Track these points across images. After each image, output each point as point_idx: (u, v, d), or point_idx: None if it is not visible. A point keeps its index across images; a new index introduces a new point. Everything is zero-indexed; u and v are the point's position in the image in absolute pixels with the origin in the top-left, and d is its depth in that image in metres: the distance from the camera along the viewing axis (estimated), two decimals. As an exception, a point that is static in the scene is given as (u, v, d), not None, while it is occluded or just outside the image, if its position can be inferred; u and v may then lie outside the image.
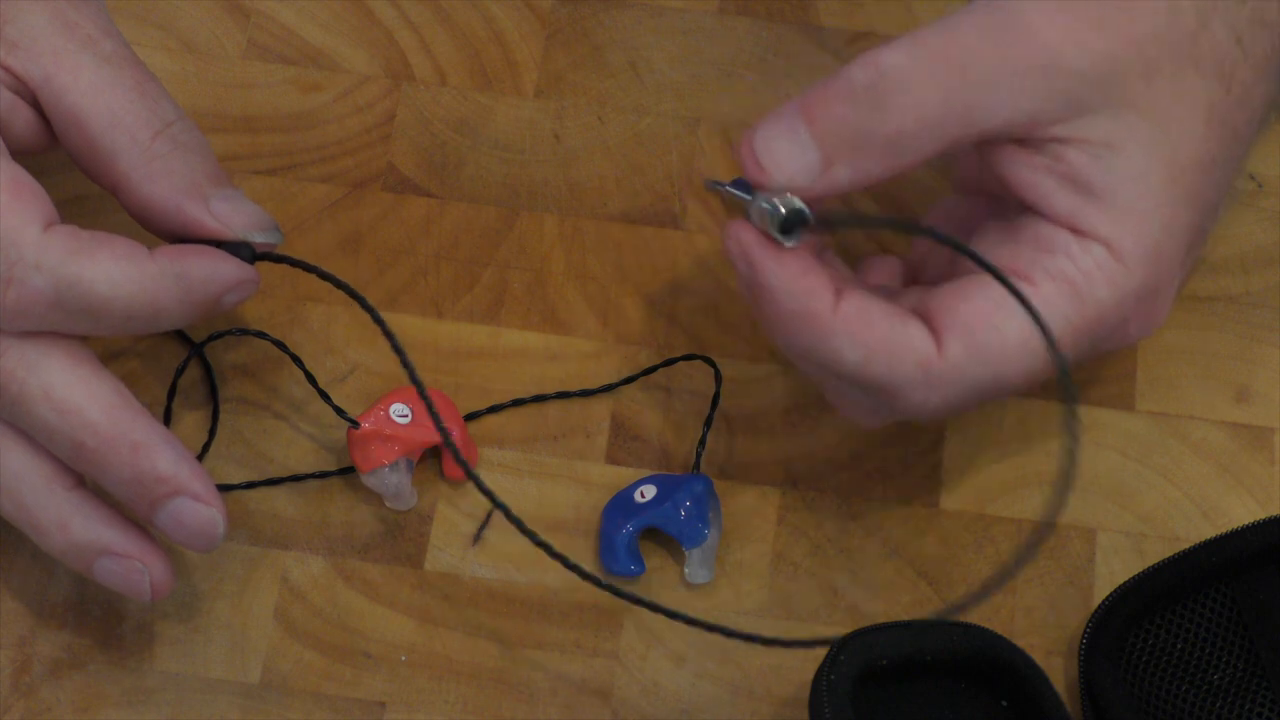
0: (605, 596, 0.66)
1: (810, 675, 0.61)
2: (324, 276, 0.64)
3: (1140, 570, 0.65)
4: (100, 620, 0.65)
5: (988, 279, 0.59)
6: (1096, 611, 0.65)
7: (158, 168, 0.61)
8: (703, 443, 0.68)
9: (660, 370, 0.69)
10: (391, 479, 0.66)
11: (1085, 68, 0.57)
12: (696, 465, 0.68)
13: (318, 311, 0.70)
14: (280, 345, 0.67)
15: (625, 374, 0.69)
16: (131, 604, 0.66)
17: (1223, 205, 0.63)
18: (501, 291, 0.71)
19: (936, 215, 0.66)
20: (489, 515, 0.67)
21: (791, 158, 0.58)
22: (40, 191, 0.59)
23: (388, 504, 0.67)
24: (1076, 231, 0.59)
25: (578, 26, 0.75)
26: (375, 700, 0.65)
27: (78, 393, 0.59)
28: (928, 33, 0.58)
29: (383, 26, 0.75)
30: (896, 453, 0.69)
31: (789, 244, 0.59)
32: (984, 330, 0.59)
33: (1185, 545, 0.65)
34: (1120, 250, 0.59)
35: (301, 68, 0.74)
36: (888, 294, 0.62)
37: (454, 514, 0.67)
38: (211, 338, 0.67)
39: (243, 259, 0.61)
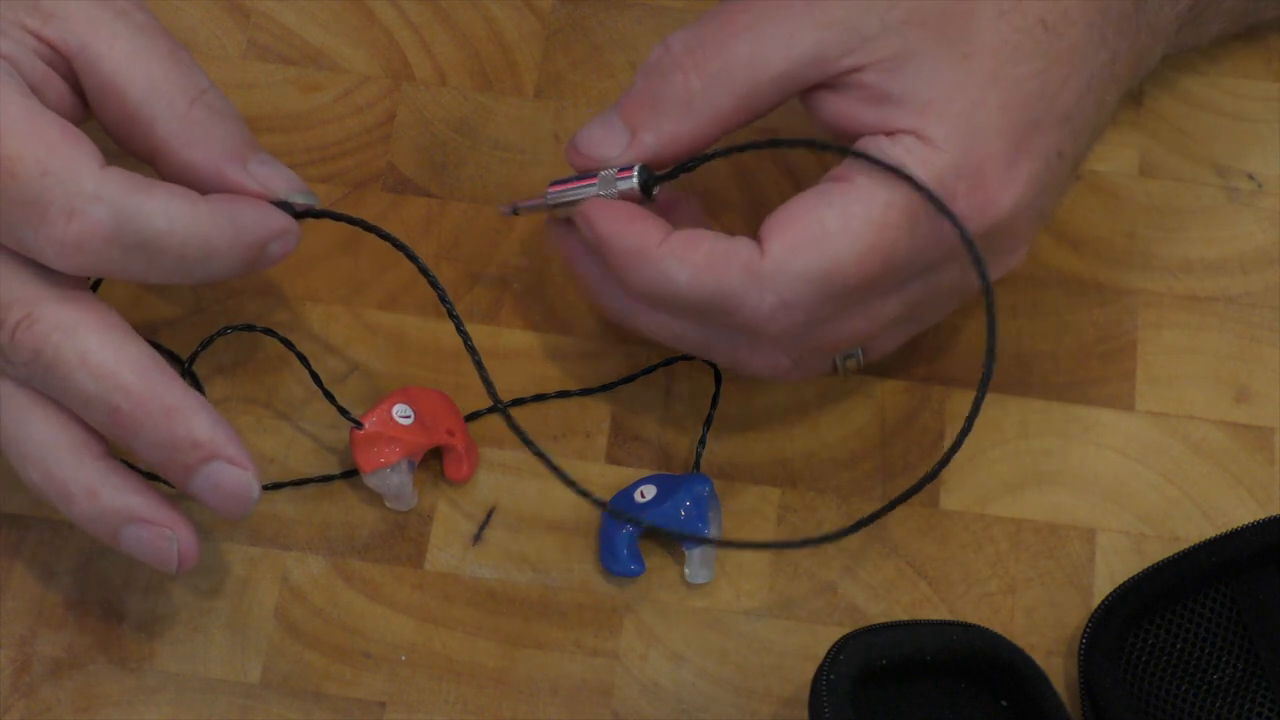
0: (605, 596, 0.66)
1: (810, 675, 0.61)
2: (367, 227, 0.63)
3: (1140, 570, 0.65)
4: (100, 620, 0.65)
5: (810, 189, 0.62)
6: (1096, 611, 0.65)
7: (197, 133, 0.61)
8: (703, 443, 0.68)
9: (660, 370, 0.69)
10: (393, 480, 0.66)
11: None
12: (696, 465, 0.68)
13: (318, 311, 0.70)
14: (286, 343, 0.67)
15: (625, 374, 0.69)
16: (132, 604, 0.66)
17: (1074, 108, 0.63)
18: (501, 291, 0.71)
19: None
20: (489, 515, 0.68)
21: (602, 136, 0.64)
22: (87, 138, 0.60)
23: (389, 504, 0.67)
24: (887, 133, 0.62)
25: (578, 26, 0.75)
26: (375, 700, 0.65)
27: (112, 357, 0.59)
28: (713, 11, 0.63)
29: (383, 26, 0.75)
30: (896, 453, 0.69)
31: (649, 200, 0.63)
32: (801, 224, 0.61)
33: (1185, 545, 0.65)
34: (927, 135, 0.61)
35: (301, 68, 0.74)
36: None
37: (454, 514, 0.67)
38: (215, 335, 0.67)
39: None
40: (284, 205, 0.62)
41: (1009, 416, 0.69)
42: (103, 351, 0.59)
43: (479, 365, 0.63)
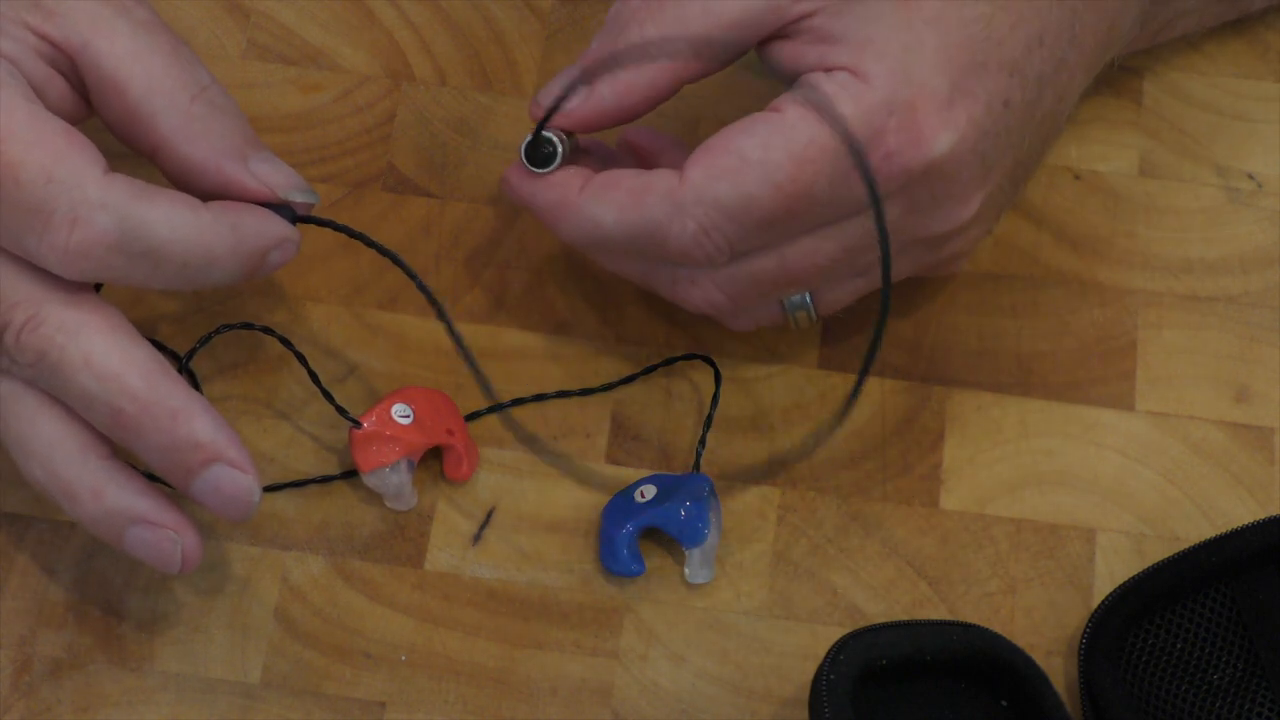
0: (605, 596, 0.66)
1: (810, 675, 0.61)
2: (360, 238, 0.64)
3: (1140, 570, 0.65)
4: (100, 620, 0.65)
5: (739, 121, 0.62)
6: (1096, 611, 0.65)
7: (198, 129, 0.61)
8: (703, 443, 0.68)
9: (660, 370, 0.69)
10: (393, 479, 0.66)
11: None
12: (696, 465, 0.68)
13: (318, 311, 0.70)
14: (285, 342, 0.67)
15: (625, 374, 0.69)
16: (132, 604, 0.66)
17: (1022, 59, 0.63)
18: (501, 291, 0.71)
19: None
20: (489, 515, 0.68)
21: (558, 89, 0.64)
22: (91, 143, 0.60)
23: (388, 504, 0.67)
24: (825, 70, 0.62)
25: (578, 26, 0.75)
26: (375, 700, 0.65)
27: (117, 359, 0.59)
28: None
29: (383, 26, 0.75)
30: (896, 452, 0.69)
31: (541, 171, 0.65)
32: (720, 152, 0.62)
33: (1185, 545, 0.65)
34: (862, 71, 0.61)
35: (301, 68, 0.74)
36: None
37: (454, 514, 0.67)
38: (213, 333, 0.67)
39: (285, 219, 0.62)
40: (284, 206, 0.62)
41: (1009, 416, 0.69)
42: (107, 353, 0.59)
43: (473, 365, 0.63)
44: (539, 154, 0.64)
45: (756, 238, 0.62)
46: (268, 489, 0.67)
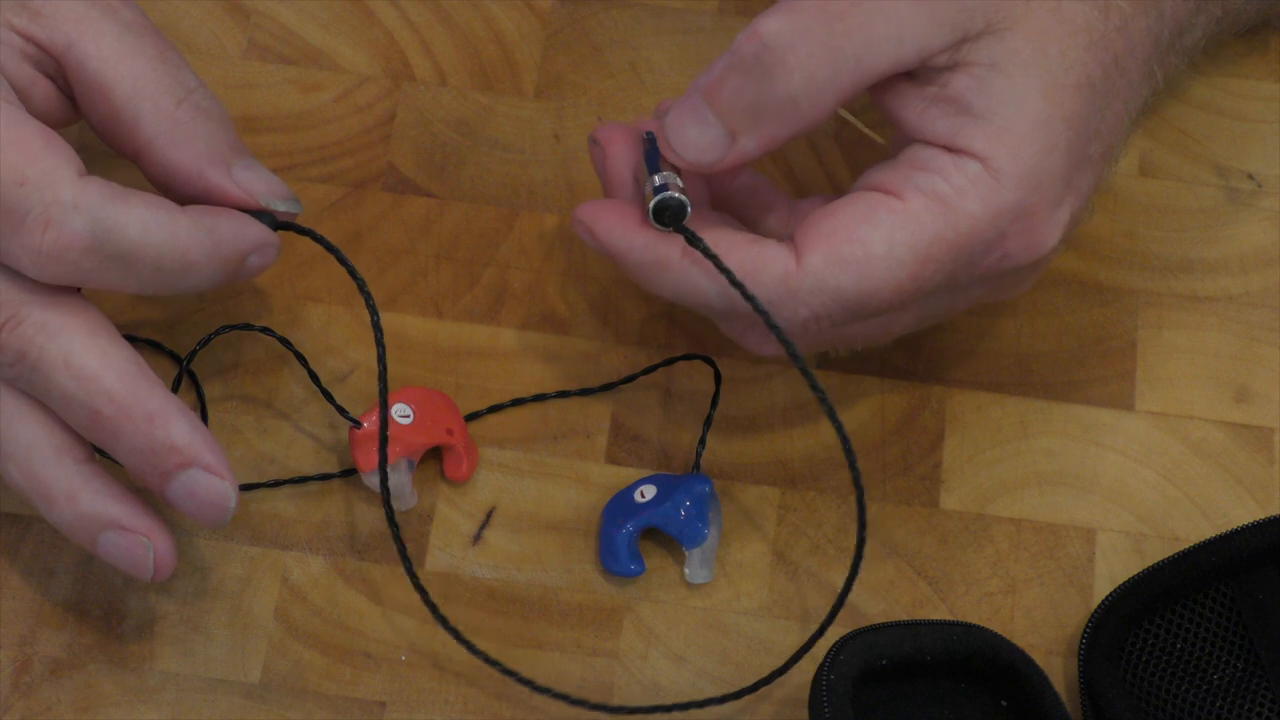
0: (605, 596, 0.66)
1: (810, 675, 0.61)
2: (330, 249, 0.63)
3: (1140, 570, 0.65)
4: (100, 620, 0.65)
5: (856, 197, 0.60)
6: (1096, 611, 0.65)
7: (181, 134, 0.61)
8: (703, 443, 0.68)
9: (660, 370, 0.69)
10: (393, 479, 0.66)
11: None
12: (696, 465, 0.68)
13: (318, 311, 0.70)
14: (285, 342, 0.67)
15: (625, 374, 0.69)
16: (132, 604, 0.66)
17: (1115, 144, 0.63)
18: (501, 291, 0.71)
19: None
20: (489, 515, 0.68)
21: (699, 136, 0.61)
22: (68, 145, 0.59)
23: (388, 504, 0.67)
24: (953, 150, 0.60)
25: (578, 26, 0.75)
26: (375, 700, 0.65)
27: (95, 360, 0.59)
28: None
29: (383, 26, 0.75)
30: (896, 453, 0.69)
31: (661, 229, 0.61)
32: (845, 240, 0.60)
33: (1185, 545, 0.65)
34: (995, 166, 0.59)
35: (301, 68, 0.74)
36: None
37: (454, 514, 0.67)
38: (213, 334, 0.67)
39: (264, 224, 0.62)
40: (266, 214, 0.62)
41: (1009, 416, 0.69)
42: (86, 355, 0.59)
43: (382, 365, 0.63)
44: (664, 207, 0.61)
45: (860, 320, 0.61)
46: (267, 486, 0.67)
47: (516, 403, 0.69)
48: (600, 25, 0.75)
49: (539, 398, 0.69)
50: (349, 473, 0.67)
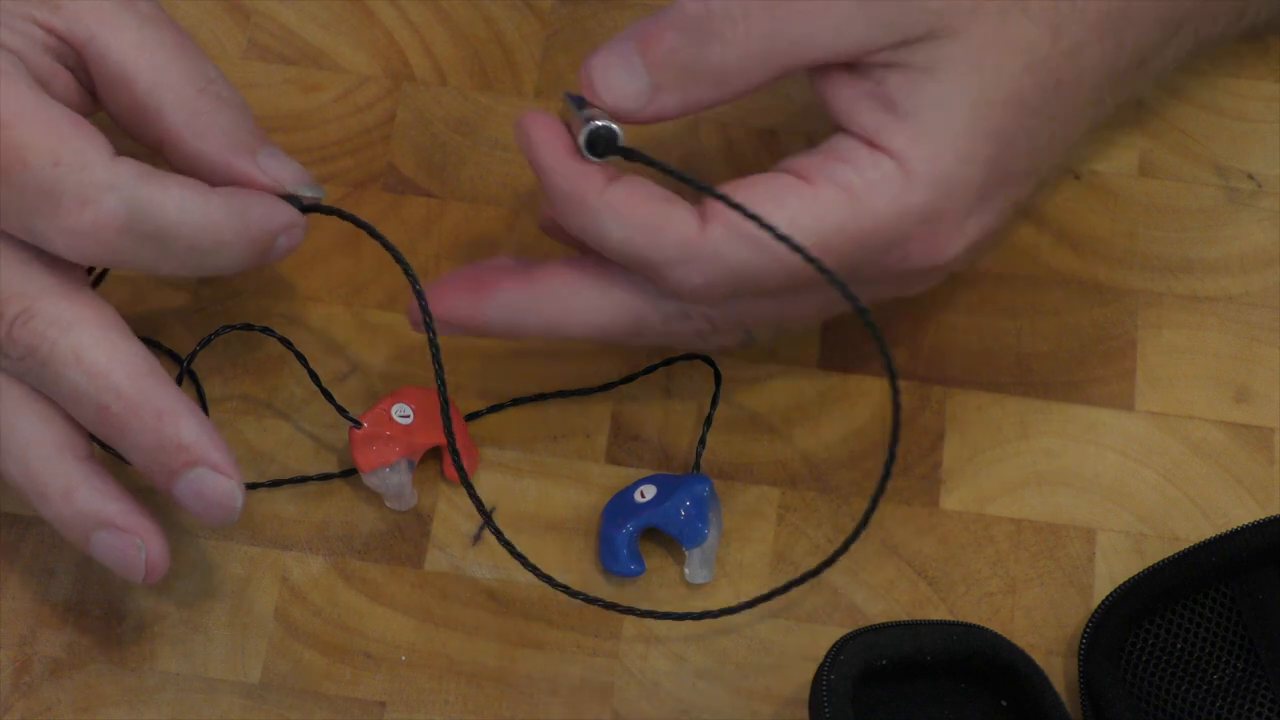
0: (605, 596, 0.66)
1: (810, 675, 0.61)
2: (365, 227, 0.63)
3: (1140, 570, 0.65)
4: (100, 620, 0.65)
5: (769, 177, 0.61)
6: (1096, 611, 0.65)
7: (205, 123, 0.61)
8: (703, 443, 0.68)
9: (660, 370, 0.69)
10: (393, 479, 0.66)
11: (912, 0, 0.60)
12: (696, 465, 0.68)
13: (318, 311, 0.70)
14: (285, 342, 0.67)
15: (625, 374, 0.69)
16: (132, 604, 0.66)
17: (1046, 163, 0.63)
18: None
19: None
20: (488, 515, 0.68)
21: (623, 83, 0.61)
22: (97, 129, 0.60)
23: (388, 504, 0.67)
24: (874, 145, 0.60)
25: (578, 27, 0.75)
26: (375, 700, 0.65)
27: (106, 356, 0.59)
28: None
29: (383, 26, 0.75)
30: (896, 452, 0.68)
31: (595, 161, 0.62)
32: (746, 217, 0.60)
33: (1185, 545, 0.65)
34: (910, 167, 0.60)
35: (301, 68, 0.74)
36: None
37: (454, 514, 0.67)
38: (214, 334, 0.67)
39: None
40: (291, 199, 0.62)
41: (1009, 416, 0.69)
42: (96, 350, 0.59)
43: (438, 364, 0.63)
44: (596, 138, 0.62)
45: (756, 297, 0.62)
46: (267, 485, 0.67)
47: (516, 403, 0.69)
48: (600, 25, 0.75)
49: (539, 398, 0.69)
50: (349, 472, 0.67)
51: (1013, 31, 0.60)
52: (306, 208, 0.62)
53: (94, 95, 0.63)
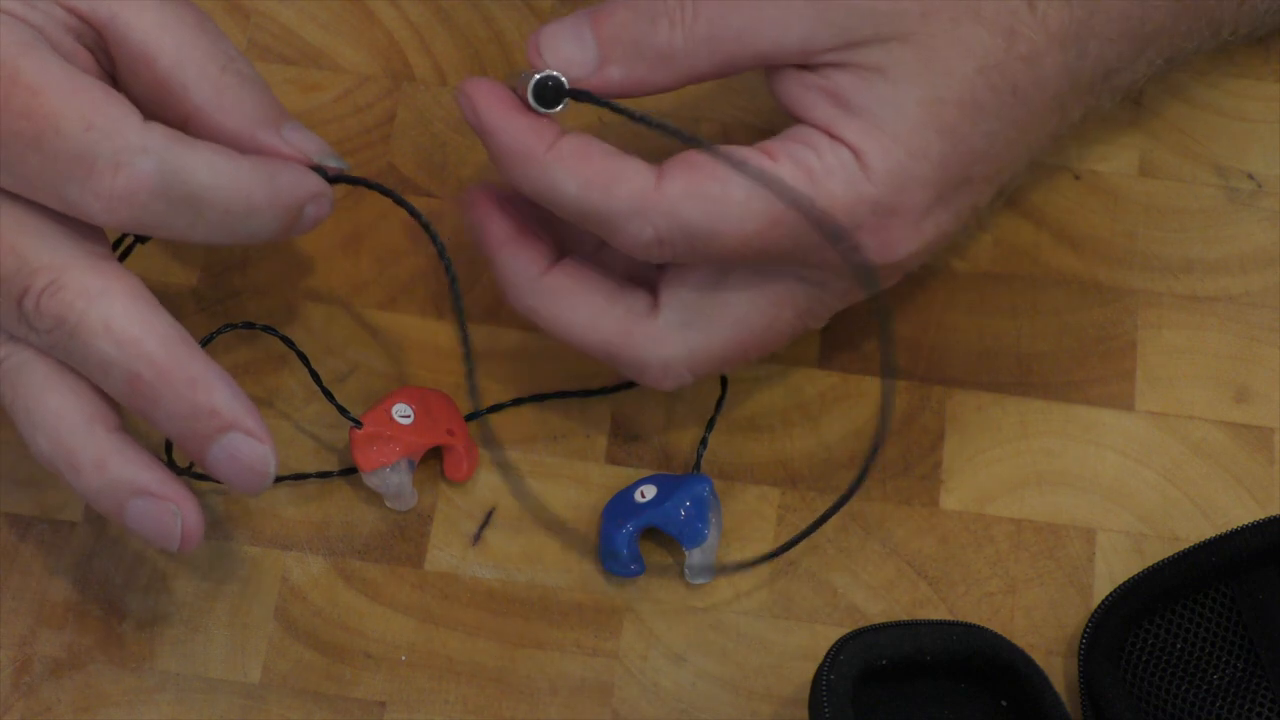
0: (605, 596, 0.66)
1: (810, 675, 0.61)
2: (387, 193, 0.64)
3: (1140, 570, 0.65)
4: (100, 620, 0.65)
5: (731, 148, 0.61)
6: (1096, 611, 0.65)
7: (229, 99, 0.62)
8: (704, 443, 0.68)
9: (660, 370, 0.69)
10: (393, 479, 0.66)
11: (859, 2, 0.60)
12: (697, 465, 0.68)
13: (318, 311, 0.70)
14: (286, 341, 0.67)
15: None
16: (132, 604, 0.66)
17: (1007, 170, 0.63)
18: (502, 291, 0.71)
19: None
20: (489, 515, 0.68)
21: (570, 50, 0.62)
22: (126, 98, 0.60)
23: (388, 504, 0.67)
24: (831, 135, 0.61)
25: (578, 26, 0.75)
26: (375, 700, 0.65)
27: (137, 325, 0.59)
28: None
29: (383, 26, 0.75)
30: (896, 453, 0.69)
31: (545, 112, 0.62)
32: (709, 177, 0.60)
33: (1185, 545, 0.65)
34: (866, 160, 0.60)
35: (301, 68, 0.74)
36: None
37: (454, 514, 0.67)
38: (215, 334, 0.67)
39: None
40: (320, 169, 0.62)
41: (1009, 416, 0.69)
42: (127, 319, 0.59)
43: (470, 366, 0.63)
44: (544, 90, 0.62)
45: (709, 260, 0.62)
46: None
47: (516, 403, 0.69)
48: (600, 25, 0.75)
49: (539, 398, 0.69)
50: (349, 472, 0.67)
51: (964, 35, 0.61)
52: (333, 178, 0.63)
53: (113, 78, 0.63)
